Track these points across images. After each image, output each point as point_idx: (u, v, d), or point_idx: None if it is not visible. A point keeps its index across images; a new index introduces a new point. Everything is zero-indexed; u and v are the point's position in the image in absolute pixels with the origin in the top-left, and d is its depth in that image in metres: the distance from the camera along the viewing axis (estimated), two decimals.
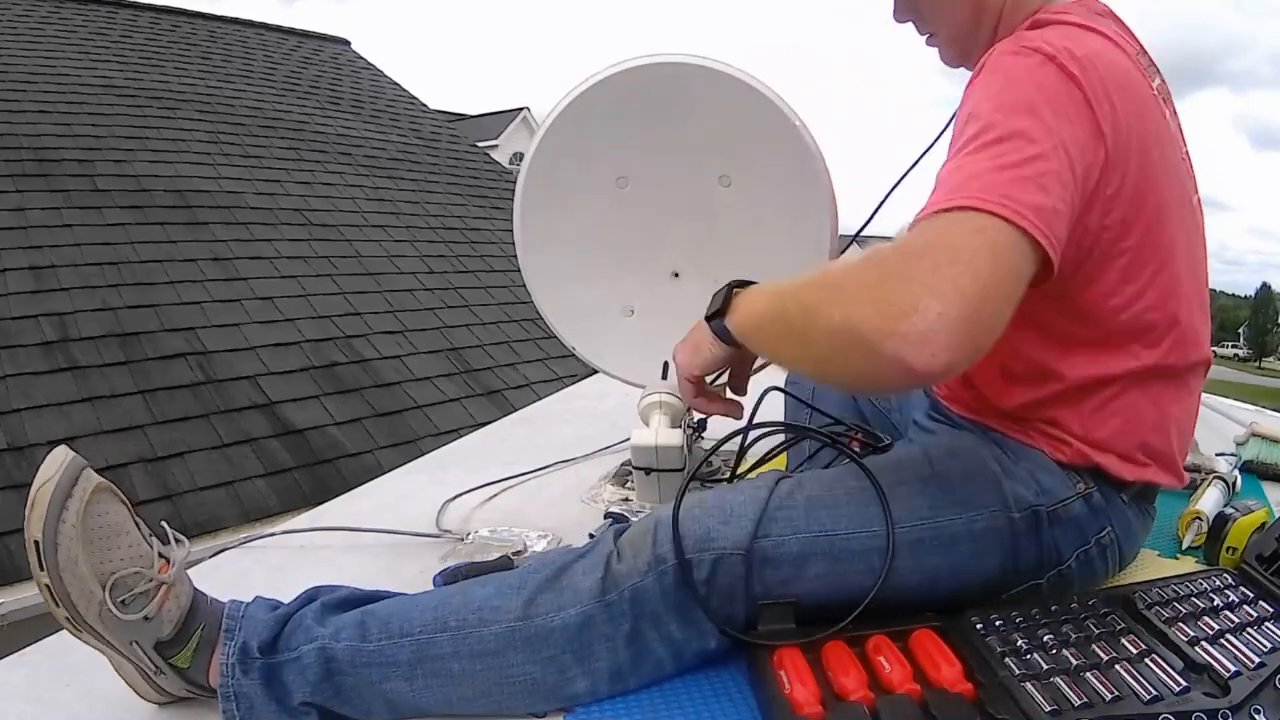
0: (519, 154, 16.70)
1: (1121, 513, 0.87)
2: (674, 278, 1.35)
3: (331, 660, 0.75)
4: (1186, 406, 0.90)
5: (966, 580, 0.83)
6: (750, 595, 0.79)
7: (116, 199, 4.66)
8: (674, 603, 0.77)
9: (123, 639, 0.71)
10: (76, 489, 0.69)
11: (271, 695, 0.74)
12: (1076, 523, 0.85)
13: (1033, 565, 0.84)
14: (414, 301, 5.03)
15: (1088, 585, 0.90)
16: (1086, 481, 0.85)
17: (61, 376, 3.44)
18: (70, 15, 6.81)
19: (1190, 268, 0.85)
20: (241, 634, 0.75)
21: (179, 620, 0.74)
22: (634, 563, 0.78)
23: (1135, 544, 0.93)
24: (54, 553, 0.68)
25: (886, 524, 0.80)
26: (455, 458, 1.59)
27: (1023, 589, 0.86)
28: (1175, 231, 0.82)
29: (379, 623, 0.78)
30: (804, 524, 0.80)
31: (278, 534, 1.19)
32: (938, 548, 0.81)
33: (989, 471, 0.84)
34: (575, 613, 0.76)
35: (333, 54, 8.62)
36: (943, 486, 0.83)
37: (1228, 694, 0.69)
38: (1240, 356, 62.00)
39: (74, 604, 0.69)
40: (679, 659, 0.80)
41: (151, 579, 0.72)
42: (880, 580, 0.79)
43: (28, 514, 0.68)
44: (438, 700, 0.76)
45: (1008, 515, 0.82)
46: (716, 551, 0.77)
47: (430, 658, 0.76)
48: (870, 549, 0.80)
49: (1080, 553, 0.86)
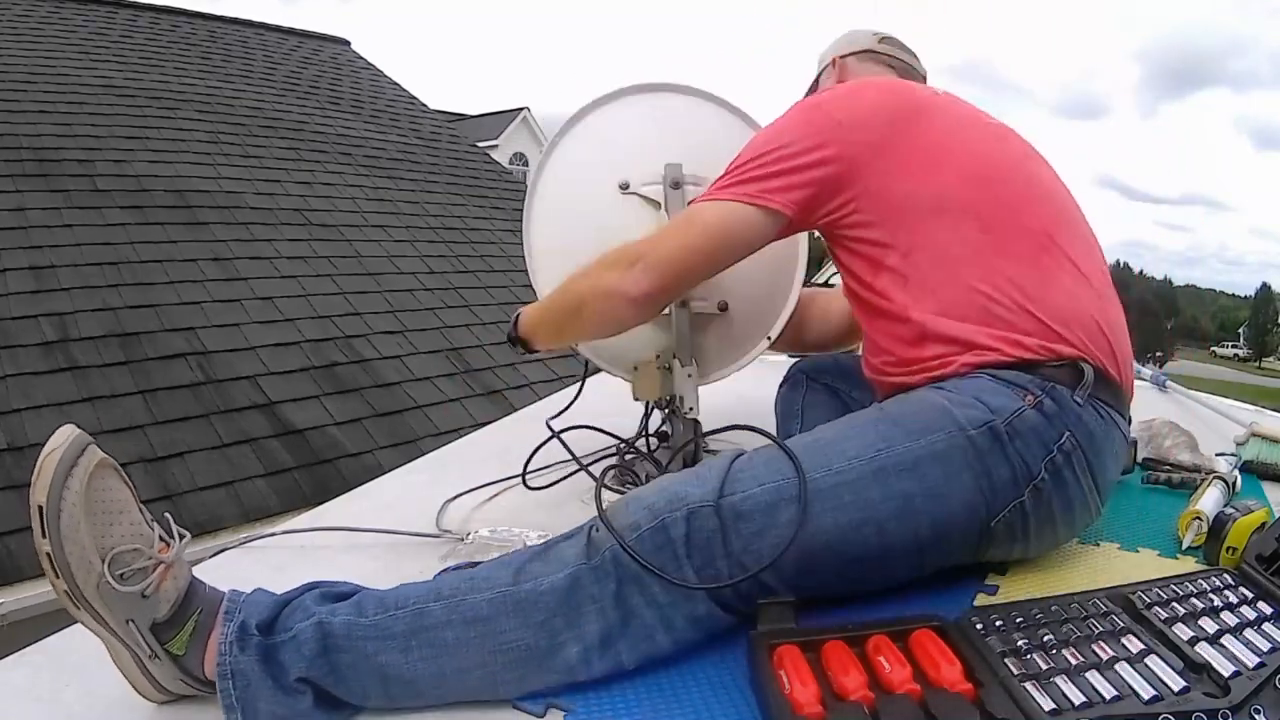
0: (519, 154, 16.72)
1: (1077, 416, 0.90)
2: None
3: (328, 635, 0.75)
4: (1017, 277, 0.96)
5: (946, 504, 0.86)
6: (730, 552, 0.81)
7: (116, 199, 4.66)
8: (655, 565, 0.79)
9: (119, 616, 0.71)
10: (82, 459, 0.70)
11: (268, 673, 0.74)
12: (1035, 432, 0.88)
13: (1007, 481, 0.87)
14: (414, 301, 5.03)
15: (1067, 508, 0.92)
16: (1034, 392, 0.89)
17: (61, 376, 3.44)
18: (70, 15, 6.81)
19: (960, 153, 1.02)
20: (241, 614, 0.76)
21: (176, 601, 0.74)
22: (612, 530, 0.81)
23: (1103, 458, 0.94)
24: (56, 519, 0.68)
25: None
26: (455, 458, 1.59)
27: (1008, 512, 0.88)
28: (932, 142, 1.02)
29: (375, 599, 0.79)
30: (766, 474, 0.84)
31: (278, 534, 1.19)
32: (903, 472, 0.84)
33: (936, 403, 0.90)
34: (563, 575, 0.79)
35: (333, 54, 8.63)
36: (895, 422, 0.89)
37: (1228, 694, 0.69)
38: (1240, 356, 62.05)
39: (73, 574, 0.69)
40: (669, 626, 0.80)
41: (151, 557, 0.72)
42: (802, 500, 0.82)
43: (34, 480, 0.69)
44: (432, 672, 0.76)
45: (965, 435, 0.86)
46: (688, 507, 0.81)
47: (424, 627, 0.77)
48: (836, 485, 0.84)
49: (1047, 462, 0.88)
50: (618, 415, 1.54)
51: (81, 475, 0.69)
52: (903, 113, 1.04)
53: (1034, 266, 0.97)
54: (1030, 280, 0.96)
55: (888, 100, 1.06)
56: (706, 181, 1.34)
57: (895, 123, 1.02)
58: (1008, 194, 1.01)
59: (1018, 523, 0.89)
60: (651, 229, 1.32)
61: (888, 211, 1.00)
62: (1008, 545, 0.93)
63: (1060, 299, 0.95)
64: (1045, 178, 1.07)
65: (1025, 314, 0.94)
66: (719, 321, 1.36)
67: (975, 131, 1.07)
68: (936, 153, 1.01)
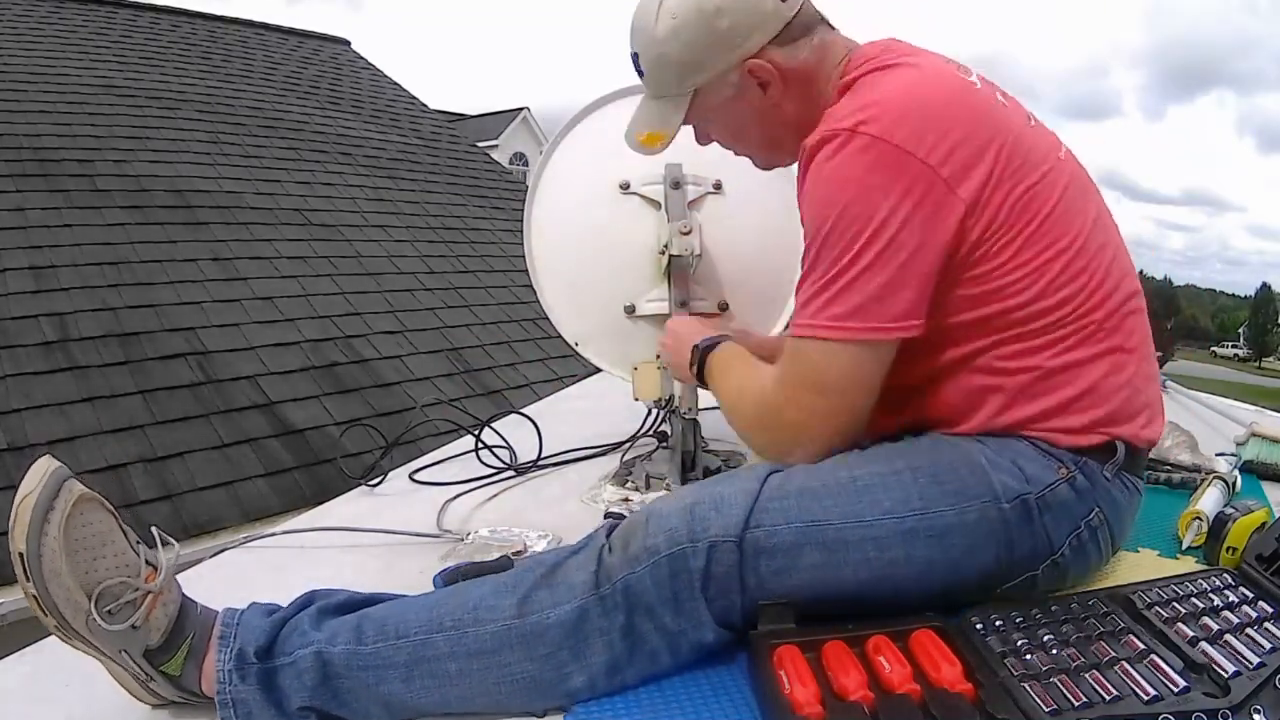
0: (519, 154, 16.70)
1: (1106, 491, 0.88)
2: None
3: (328, 665, 0.75)
4: (1116, 362, 0.88)
5: (962, 573, 0.83)
6: (745, 587, 0.79)
7: (116, 199, 4.65)
8: (668, 594, 0.77)
9: (111, 648, 0.71)
10: (59, 501, 0.69)
11: (270, 700, 0.74)
12: (1065, 507, 0.85)
13: (1026, 555, 0.85)
14: (414, 301, 5.02)
15: (1081, 574, 0.91)
16: (1068, 466, 0.86)
17: (61, 376, 3.44)
18: (70, 15, 6.80)
19: (1069, 226, 0.87)
20: (237, 641, 0.75)
21: (167, 628, 0.74)
22: (625, 555, 0.79)
23: (1124, 524, 0.93)
24: (39, 564, 0.68)
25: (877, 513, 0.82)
26: (456, 457, 1.59)
27: (1019, 581, 0.86)
28: (1051, 210, 0.86)
29: (375, 625, 0.78)
30: (796, 514, 0.81)
31: (278, 534, 1.19)
32: (930, 539, 0.81)
33: (976, 462, 0.85)
34: (570, 608, 0.77)
35: (333, 54, 8.62)
36: (933, 476, 0.84)
37: (1228, 694, 0.69)
38: (1240, 356, 61.97)
39: (61, 613, 0.69)
40: (675, 652, 0.79)
41: (138, 588, 0.72)
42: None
43: (11, 527, 0.68)
44: (435, 701, 0.76)
45: (998, 506, 0.82)
46: (710, 539, 0.78)
47: (426, 659, 0.76)
48: (864, 538, 0.80)
49: (1072, 538, 0.86)
50: (618, 415, 1.54)
51: (59, 517, 0.68)
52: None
53: (1112, 349, 0.89)
54: (1102, 368, 0.87)
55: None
56: (706, 182, 1.34)
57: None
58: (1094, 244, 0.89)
59: (1026, 585, 0.87)
60: (651, 229, 1.32)
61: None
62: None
63: (1122, 380, 0.88)
64: (1101, 208, 0.94)
65: (1086, 406, 0.87)
66: (719, 321, 1.36)
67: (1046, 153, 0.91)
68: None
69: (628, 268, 1.34)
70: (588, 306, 1.39)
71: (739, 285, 1.34)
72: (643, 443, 1.47)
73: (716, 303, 1.35)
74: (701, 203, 1.34)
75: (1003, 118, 0.88)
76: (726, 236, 1.32)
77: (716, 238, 1.31)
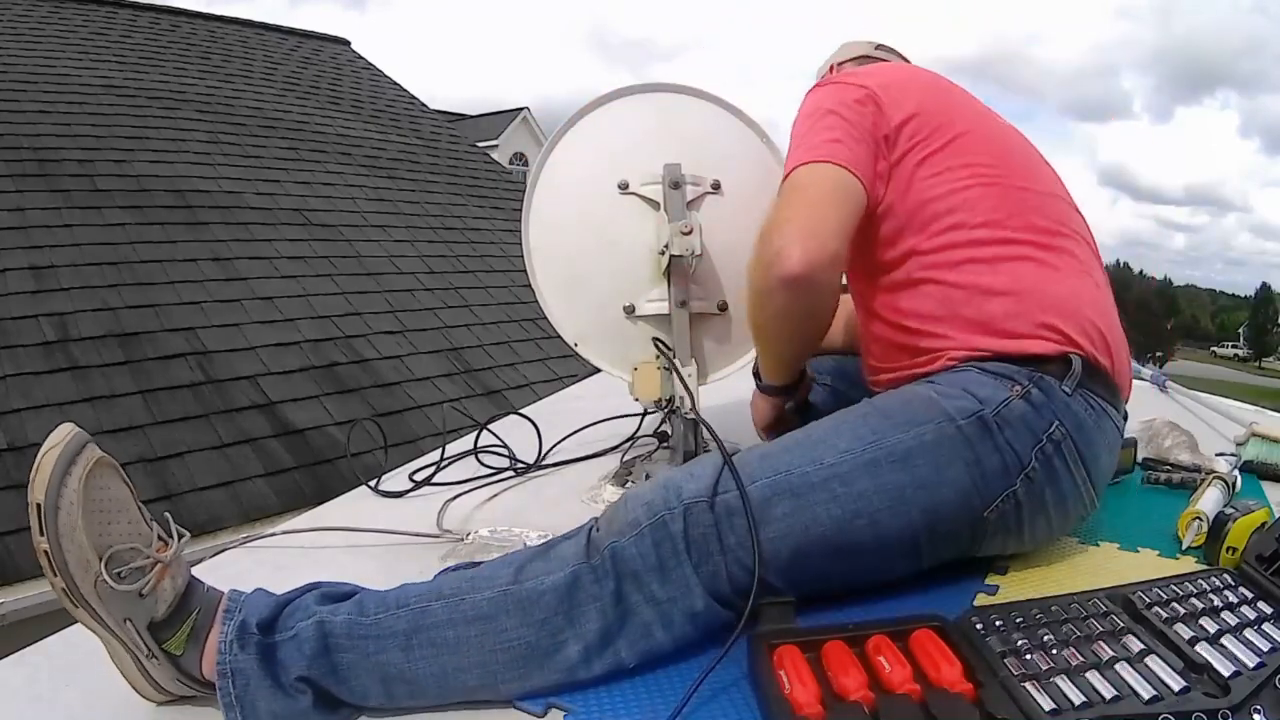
0: (519, 154, 16.71)
1: (1065, 405, 0.91)
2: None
3: (329, 635, 0.75)
4: (1044, 271, 0.99)
5: (938, 494, 0.87)
6: (725, 546, 0.82)
7: (116, 199, 4.66)
8: (653, 561, 0.80)
9: (116, 615, 0.71)
10: (81, 457, 0.70)
11: (268, 672, 0.74)
12: (1023, 421, 0.89)
13: (998, 470, 0.88)
14: (414, 301, 5.03)
15: (1060, 500, 0.92)
16: (1021, 383, 0.90)
17: (61, 376, 3.44)
18: (70, 15, 6.81)
19: (992, 156, 1.05)
20: (241, 614, 0.76)
21: (173, 601, 0.74)
22: (609, 529, 0.83)
23: (1095, 449, 0.94)
24: (54, 517, 0.68)
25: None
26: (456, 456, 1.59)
27: (1001, 501, 0.89)
28: (970, 142, 1.05)
29: (376, 599, 0.80)
30: (759, 470, 0.86)
31: (278, 534, 1.19)
32: (893, 463, 0.86)
33: (924, 395, 0.92)
34: (563, 575, 0.79)
35: (333, 54, 8.63)
36: (884, 415, 0.91)
37: (1228, 694, 0.69)
38: (1240, 356, 62.02)
39: (70, 573, 0.69)
40: (668, 624, 0.80)
41: (149, 556, 0.72)
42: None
43: (32, 478, 0.68)
44: (433, 671, 0.76)
45: (954, 424, 0.88)
46: (684, 503, 0.82)
47: (425, 626, 0.77)
48: (828, 478, 0.85)
49: (1037, 451, 0.89)
50: (614, 414, 1.54)
51: (79, 473, 0.69)
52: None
53: (1038, 261, 0.99)
54: (1031, 275, 0.98)
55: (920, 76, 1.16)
56: (706, 181, 1.34)
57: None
58: (1022, 184, 1.05)
59: (1011, 512, 0.90)
60: (650, 229, 1.33)
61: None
62: (1002, 538, 0.93)
63: (1060, 291, 0.97)
64: (1049, 174, 1.11)
65: (1019, 310, 0.95)
66: (719, 321, 1.36)
67: (992, 121, 1.13)
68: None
69: (627, 268, 1.34)
70: (587, 306, 1.39)
71: (738, 285, 1.34)
72: (643, 443, 1.47)
73: (716, 303, 1.35)
74: (700, 203, 1.34)
75: (960, 97, 1.13)
76: (725, 237, 1.31)
77: (715, 238, 1.30)
